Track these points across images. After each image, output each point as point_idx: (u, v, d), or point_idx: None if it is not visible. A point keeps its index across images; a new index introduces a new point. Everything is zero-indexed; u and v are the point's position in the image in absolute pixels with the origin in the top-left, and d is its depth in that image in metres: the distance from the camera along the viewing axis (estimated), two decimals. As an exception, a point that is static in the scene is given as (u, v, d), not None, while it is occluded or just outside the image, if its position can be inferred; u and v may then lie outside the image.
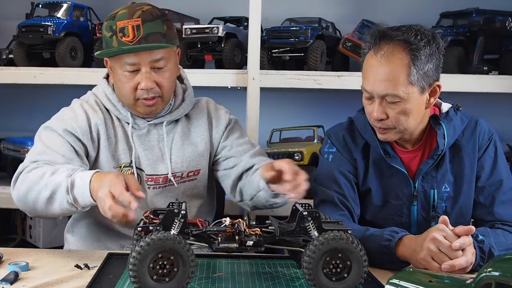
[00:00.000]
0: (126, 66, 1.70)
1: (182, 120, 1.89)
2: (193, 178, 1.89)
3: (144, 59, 1.69)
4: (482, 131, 1.73)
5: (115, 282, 1.32)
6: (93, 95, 1.87)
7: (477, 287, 0.96)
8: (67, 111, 1.82)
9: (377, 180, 1.74)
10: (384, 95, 1.58)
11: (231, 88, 2.57)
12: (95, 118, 1.79)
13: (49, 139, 1.74)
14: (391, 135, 1.66)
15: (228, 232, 1.27)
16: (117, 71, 1.74)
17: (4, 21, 2.94)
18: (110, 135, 1.81)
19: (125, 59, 1.69)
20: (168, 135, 1.86)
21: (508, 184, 1.71)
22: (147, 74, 1.70)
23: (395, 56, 1.56)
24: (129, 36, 1.67)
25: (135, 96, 1.74)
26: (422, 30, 1.59)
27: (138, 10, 1.70)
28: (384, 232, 1.53)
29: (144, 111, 1.78)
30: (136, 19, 1.68)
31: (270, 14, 2.70)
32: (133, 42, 1.67)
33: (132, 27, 1.67)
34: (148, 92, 1.72)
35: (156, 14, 1.72)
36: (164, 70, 1.74)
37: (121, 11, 1.72)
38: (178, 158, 1.86)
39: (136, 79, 1.71)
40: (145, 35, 1.68)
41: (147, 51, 1.69)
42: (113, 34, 1.69)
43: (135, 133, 1.83)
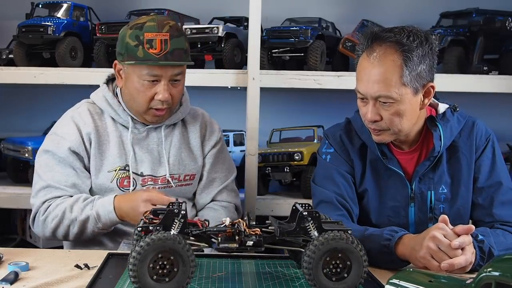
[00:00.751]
0: (147, 76, 1.77)
1: (179, 125, 1.96)
2: (189, 182, 1.96)
3: (167, 72, 1.78)
4: (480, 132, 1.73)
5: (115, 282, 1.32)
6: (87, 103, 1.93)
7: (477, 287, 0.96)
8: (59, 128, 1.89)
9: (374, 181, 1.74)
10: (377, 97, 1.58)
11: (231, 88, 2.57)
12: (85, 128, 1.85)
13: (49, 173, 1.83)
14: (386, 136, 1.66)
15: (228, 232, 1.28)
16: (133, 79, 1.80)
17: (4, 21, 2.94)
18: (103, 141, 1.87)
19: (148, 70, 1.77)
20: (167, 138, 1.92)
21: (506, 185, 1.71)
22: (165, 87, 1.79)
23: (388, 58, 1.56)
24: (157, 49, 1.75)
25: (148, 105, 1.81)
26: (414, 31, 1.58)
27: (166, 25, 1.77)
28: (384, 232, 1.53)
29: (152, 120, 1.86)
30: (165, 34, 1.76)
31: (270, 14, 2.70)
32: (160, 55, 1.75)
33: (160, 40, 1.75)
34: (163, 103, 1.80)
35: (180, 31, 1.82)
36: (179, 84, 1.83)
37: (149, 23, 1.77)
38: (175, 160, 1.92)
39: (154, 89, 1.79)
40: (171, 50, 1.76)
41: (171, 66, 1.77)
42: (139, 44, 1.76)
43: (134, 136, 1.88)
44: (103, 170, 1.85)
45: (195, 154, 1.97)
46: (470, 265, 1.44)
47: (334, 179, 1.74)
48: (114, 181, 1.85)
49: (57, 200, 1.80)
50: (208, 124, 2.03)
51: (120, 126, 1.89)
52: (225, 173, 2.03)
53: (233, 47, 2.60)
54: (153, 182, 1.89)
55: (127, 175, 1.85)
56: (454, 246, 1.40)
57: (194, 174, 1.97)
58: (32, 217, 1.85)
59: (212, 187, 2.00)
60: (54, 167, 1.83)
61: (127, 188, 1.86)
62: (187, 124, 1.99)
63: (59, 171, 1.83)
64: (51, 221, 1.79)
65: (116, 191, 1.85)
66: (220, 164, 2.02)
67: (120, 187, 1.85)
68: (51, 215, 1.79)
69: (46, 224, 1.80)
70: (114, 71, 1.87)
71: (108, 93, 1.89)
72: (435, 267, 1.41)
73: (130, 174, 1.85)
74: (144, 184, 1.87)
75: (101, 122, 1.88)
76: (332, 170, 1.76)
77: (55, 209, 1.78)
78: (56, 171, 1.83)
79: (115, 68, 1.86)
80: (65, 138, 1.84)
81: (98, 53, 2.60)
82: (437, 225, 1.45)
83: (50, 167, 1.83)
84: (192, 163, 1.96)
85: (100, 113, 1.90)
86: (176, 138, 1.94)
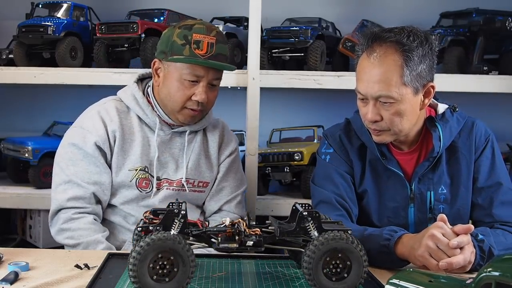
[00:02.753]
0: (189, 75, 1.80)
1: (200, 132, 2.00)
2: (202, 189, 1.98)
3: (209, 75, 1.82)
4: (479, 132, 1.73)
5: (115, 282, 1.32)
6: (113, 100, 1.94)
7: (477, 287, 0.96)
8: (86, 121, 1.89)
9: (374, 182, 1.74)
10: (377, 97, 1.58)
11: (231, 88, 2.57)
12: (111, 125, 1.86)
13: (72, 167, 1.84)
14: (386, 136, 1.66)
15: (228, 232, 1.27)
16: (174, 77, 1.82)
17: (4, 21, 2.94)
18: (127, 139, 1.88)
19: (191, 69, 1.80)
20: (189, 144, 1.95)
21: (506, 185, 1.71)
22: (205, 89, 1.82)
23: (388, 57, 1.56)
24: (203, 50, 1.79)
25: (184, 104, 1.84)
26: (414, 31, 1.59)
27: (214, 30, 1.83)
28: (383, 232, 1.53)
29: (185, 120, 1.89)
30: (212, 37, 1.81)
31: (270, 14, 2.70)
32: (205, 57, 1.79)
33: (207, 43, 1.80)
34: (199, 104, 1.83)
35: (225, 39, 1.88)
36: (215, 89, 1.87)
37: (198, 25, 1.82)
38: (193, 165, 1.95)
39: (193, 89, 1.82)
40: (216, 53, 1.81)
41: (213, 69, 1.82)
42: (186, 43, 1.79)
43: (160, 139, 1.90)
44: (124, 168, 1.86)
45: (212, 163, 2.00)
46: (470, 264, 1.44)
47: (334, 180, 1.74)
48: (133, 180, 1.86)
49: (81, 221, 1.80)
50: (226, 134, 2.06)
51: (145, 127, 1.90)
52: (236, 184, 2.04)
53: (233, 47, 2.60)
54: (168, 184, 1.91)
55: (147, 176, 1.87)
56: (452, 246, 1.40)
57: (208, 182, 1.99)
58: (53, 212, 1.85)
59: (221, 195, 2.01)
60: (78, 162, 1.83)
61: (145, 189, 1.87)
62: (207, 132, 2.02)
63: (83, 166, 1.83)
64: (64, 238, 1.80)
65: (133, 189, 1.86)
66: (232, 174, 2.03)
67: (138, 187, 1.87)
68: (69, 232, 1.80)
69: (60, 234, 1.82)
70: (152, 69, 1.89)
71: (138, 92, 1.90)
72: (433, 265, 1.41)
73: (149, 177, 1.87)
74: (159, 187, 1.89)
75: (126, 121, 1.89)
76: (332, 171, 1.76)
77: (75, 231, 1.79)
78: (80, 166, 1.83)
79: (153, 66, 1.88)
80: (91, 132, 1.84)
81: (98, 53, 2.60)
82: (436, 224, 1.45)
83: (74, 161, 1.84)
84: (208, 171, 1.98)
85: (126, 111, 1.91)
86: (197, 145, 1.97)
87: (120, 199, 1.88)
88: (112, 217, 1.90)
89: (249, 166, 2.49)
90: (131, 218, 1.88)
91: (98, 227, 1.82)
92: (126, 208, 1.88)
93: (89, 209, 1.83)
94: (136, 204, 1.88)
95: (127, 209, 1.88)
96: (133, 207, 1.88)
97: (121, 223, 1.89)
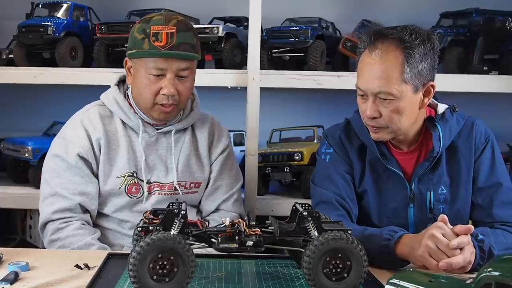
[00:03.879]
0: (153, 69, 1.75)
1: (189, 131, 1.95)
2: (195, 190, 1.94)
3: (172, 66, 1.75)
4: (479, 132, 1.73)
5: (115, 282, 1.32)
6: (96, 106, 1.90)
7: (477, 287, 0.96)
8: (69, 131, 1.86)
9: (373, 182, 1.74)
10: (377, 93, 1.58)
11: (231, 88, 2.57)
12: (95, 134, 1.83)
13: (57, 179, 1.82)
14: (384, 134, 1.66)
15: (228, 232, 1.27)
16: (141, 73, 1.78)
17: (4, 21, 2.94)
18: (113, 146, 1.85)
19: (154, 63, 1.75)
20: (176, 144, 1.90)
21: (506, 185, 1.71)
22: (171, 81, 1.76)
23: (389, 54, 1.57)
24: (162, 41, 1.73)
25: (154, 100, 1.79)
26: (417, 29, 1.60)
27: (174, 19, 1.77)
28: (384, 232, 1.53)
29: (159, 116, 1.83)
30: (171, 27, 1.74)
31: (270, 14, 2.70)
32: (165, 48, 1.73)
33: (166, 33, 1.74)
34: (168, 98, 1.77)
35: (189, 26, 1.80)
36: (186, 80, 1.80)
37: (156, 17, 1.77)
38: (184, 167, 1.90)
39: (159, 84, 1.76)
40: (177, 43, 1.74)
41: (177, 59, 1.75)
42: (145, 37, 1.74)
43: (145, 141, 1.86)
44: (112, 176, 1.83)
45: (203, 162, 1.96)
46: (470, 264, 1.44)
47: (333, 179, 1.74)
48: (122, 187, 1.83)
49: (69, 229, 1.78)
50: (216, 131, 2.01)
51: (130, 130, 1.87)
52: (232, 181, 2.01)
53: (233, 47, 2.60)
54: (159, 188, 1.87)
55: (136, 181, 1.84)
56: (452, 247, 1.40)
57: (200, 183, 1.95)
58: (41, 225, 1.83)
59: (217, 194, 1.98)
60: (63, 173, 1.81)
61: (135, 195, 1.85)
62: (196, 130, 1.97)
63: (67, 177, 1.81)
64: (56, 248, 1.78)
65: (123, 196, 1.84)
66: (226, 172, 2.00)
67: (128, 193, 1.84)
68: (59, 242, 1.78)
69: (52, 245, 1.80)
70: (125, 69, 1.86)
71: (119, 95, 1.87)
72: (433, 265, 1.41)
73: (139, 181, 1.85)
74: (150, 191, 1.86)
75: (110, 126, 1.86)
76: (331, 171, 1.76)
77: (65, 240, 1.77)
78: (64, 177, 1.81)
79: (126, 65, 1.85)
80: (74, 142, 1.82)
81: (98, 53, 2.60)
82: (436, 224, 1.46)
83: (58, 173, 1.82)
84: (200, 171, 1.94)
85: (110, 116, 1.88)
86: (186, 145, 1.92)
87: (111, 208, 1.85)
88: (106, 223, 1.88)
89: (249, 166, 2.49)
90: (126, 224, 1.86)
91: (87, 231, 1.80)
92: (119, 215, 1.86)
93: (75, 218, 1.80)
94: (129, 210, 1.85)
95: (121, 216, 1.86)
96: (126, 214, 1.85)
97: (116, 229, 1.87)
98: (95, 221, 1.88)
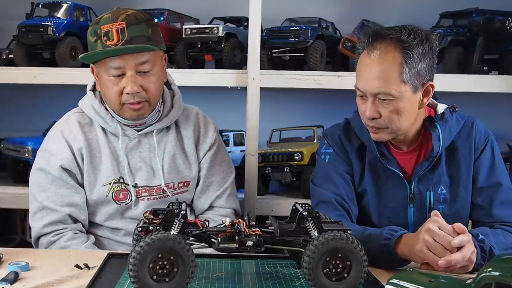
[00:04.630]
0: (111, 70, 1.70)
1: (173, 128, 1.88)
2: (184, 190, 1.90)
3: (129, 62, 1.69)
4: (479, 132, 1.73)
5: (115, 282, 1.32)
6: (76, 113, 1.86)
7: (477, 287, 0.96)
8: (50, 143, 1.83)
9: (373, 182, 1.74)
10: (376, 93, 1.59)
11: (231, 88, 2.57)
12: (76, 144, 1.79)
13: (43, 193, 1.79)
14: (384, 134, 1.66)
15: (228, 232, 1.27)
16: (103, 76, 1.73)
17: (4, 21, 2.94)
18: (95, 154, 1.81)
19: (110, 62, 1.69)
20: (159, 144, 1.85)
21: (506, 185, 1.71)
22: (132, 78, 1.70)
23: (388, 55, 1.57)
24: (114, 39, 1.67)
25: (120, 101, 1.73)
26: (415, 29, 1.60)
27: (122, 14, 1.70)
28: (384, 231, 1.53)
29: (131, 116, 1.77)
30: (120, 23, 1.67)
31: (270, 14, 2.70)
32: (117, 45, 1.67)
33: (116, 30, 1.67)
34: (134, 96, 1.71)
35: (140, 18, 1.72)
36: (150, 74, 1.73)
37: (105, 16, 1.72)
38: (170, 168, 1.85)
39: (122, 83, 1.71)
40: (130, 38, 1.67)
41: (132, 54, 1.68)
42: (97, 38, 1.69)
43: (126, 145, 1.81)
44: (98, 184, 1.80)
45: (190, 160, 1.90)
46: (472, 264, 1.44)
47: (333, 180, 1.74)
48: (109, 194, 1.80)
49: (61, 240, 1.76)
50: (202, 126, 1.94)
51: (111, 136, 1.82)
52: (223, 176, 1.95)
53: (233, 47, 2.60)
54: (147, 193, 1.83)
55: (122, 187, 1.80)
56: (455, 245, 1.40)
57: (189, 181, 1.90)
58: (34, 240, 1.81)
59: (210, 191, 1.94)
60: (48, 187, 1.79)
61: (124, 201, 1.81)
62: (181, 127, 1.91)
63: (53, 191, 1.78)
64: None
65: (112, 204, 1.81)
66: (216, 167, 1.95)
67: (116, 200, 1.81)
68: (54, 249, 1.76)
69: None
70: (93, 75, 1.81)
71: (94, 101, 1.82)
72: (432, 259, 1.41)
73: (126, 187, 1.80)
74: (138, 195, 1.82)
75: (91, 134, 1.82)
76: (331, 171, 1.76)
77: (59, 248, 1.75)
78: (50, 191, 1.78)
79: (93, 71, 1.80)
80: (55, 155, 1.79)
81: (98, 53, 2.59)
82: (431, 218, 1.45)
83: (44, 186, 1.79)
84: (187, 170, 1.89)
85: (90, 123, 1.83)
86: (170, 144, 1.86)
87: (101, 217, 1.83)
88: (100, 232, 1.86)
89: (249, 166, 2.49)
90: (120, 231, 1.84)
91: (80, 239, 1.77)
92: (111, 224, 1.83)
93: (67, 229, 1.78)
94: (120, 217, 1.83)
95: (113, 225, 1.83)
96: (118, 222, 1.83)
97: (109, 237, 1.85)
98: (89, 229, 1.86)
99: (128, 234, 1.82)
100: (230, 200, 1.97)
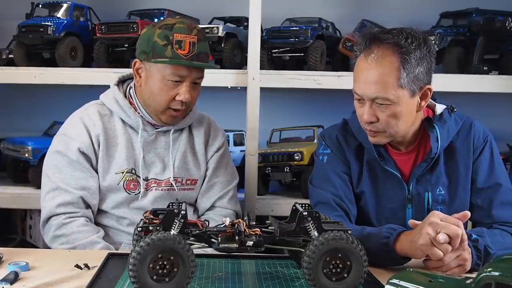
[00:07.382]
0: (173, 76, 1.79)
1: (186, 130, 1.98)
2: (191, 187, 1.97)
3: (192, 74, 1.81)
4: (477, 132, 1.73)
5: (115, 282, 1.32)
6: (95, 104, 1.93)
7: (477, 287, 0.96)
8: (69, 128, 1.89)
9: (371, 183, 1.74)
10: (374, 98, 1.58)
11: (231, 88, 2.57)
12: (95, 130, 1.86)
13: (58, 174, 1.84)
14: (382, 138, 1.66)
15: (228, 232, 1.27)
16: (156, 77, 1.81)
17: (4, 21, 2.94)
18: (112, 143, 1.87)
19: (174, 70, 1.78)
20: (174, 142, 1.93)
21: (505, 185, 1.71)
22: (188, 88, 1.81)
23: (385, 59, 1.55)
24: (185, 50, 1.78)
25: (168, 105, 1.83)
26: (413, 33, 1.58)
27: (195, 29, 1.81)
28: (382, 230, 1.52)
29: (167, 120, 1.87)
30: (193, 36, 1.79)
31: (270, 14, 2.70)
32: (188, 57, 1.78)
33: (189, 42, 1.78)
34: (183, 104, 1.82)
35: (205, 36, 1.85)
36: (198, 87, 1.86)
37: (179, 25, 1.80)
38: (180, 164, 1.93)
39: (176, 90, 1.81)
40: (198, 52, 1.80)
41: (197, 68, 1.80)
42: (168, 43, 1.77)
43: (144, 139, 1.89)
44: (111, 172, 1.86)
45: (199, 160, 1.98)
46: (466, 262, 1.43)
47: (331, 180, 1.74)
48: (121, 183, 1.86)
49: (74, 225, 1.79)
50: (212, 130, 2.04)
51: (129, 129, 1.90)
52: (227, 178, 2.02)
53: (233, 47, 2.60)
54: (156, 185, 1.90)
55: (134, 178, 1.87)
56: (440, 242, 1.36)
57: (197, 180, 1.97)
58: (43, 221, 1.84)
59: (213, 192, 2.00)
60: (64, 169, 1.83)
61: (133, 191, 1.87)
62: (193, 129, 2.00)
63: (68, 173, 1.83)
64: (60, 244, 1.79)
65: (122, 192, 1.86)
66: (222, 169, 2.02)
67: (126, 189, 1.87)
68: (63, 238, 1.78)
69: (55, 241, 1.80)
70: (133, 70, 1.87)
71: (119, 95, 1.90)
72: (436, 254, 1.39)
73: (137, 178, 1.87)
74: (147, 188, 1.89)
75: (110, 124, 1.89)
76: (329, 171, 1.76)
77: (69, 236, 1.78)
78: (65, 173, 1.83)
79: (134, 66, 1.86)
80: (74, 138, 1.84)
81: (98, 53, 2.60)
82: (432, 212, 1.44)
83: (60, 168, 1.84)
84: (196, 168, 1.97)
85: (109, 114, 1.90)
86: (183, 143, 1.95)
87: (110, 204, 1.87)
88: (105, 220, 1.90)
89: (249, 166, 2.49)
90: (124, 221, 1.88)
91: (91, 228, 1.82)
92: (117, 212, 1.88)
93: (79, 213, 1.82)
94: (127, 206, 1.88)
95: (119, 213, 1.88)
96: (124, 210, 1.88)
97: (114, 226, 1.89)
98: (95, 218, 1.90)
99: (132, 224, 1.85)
100: (232, 202, 2.02)
